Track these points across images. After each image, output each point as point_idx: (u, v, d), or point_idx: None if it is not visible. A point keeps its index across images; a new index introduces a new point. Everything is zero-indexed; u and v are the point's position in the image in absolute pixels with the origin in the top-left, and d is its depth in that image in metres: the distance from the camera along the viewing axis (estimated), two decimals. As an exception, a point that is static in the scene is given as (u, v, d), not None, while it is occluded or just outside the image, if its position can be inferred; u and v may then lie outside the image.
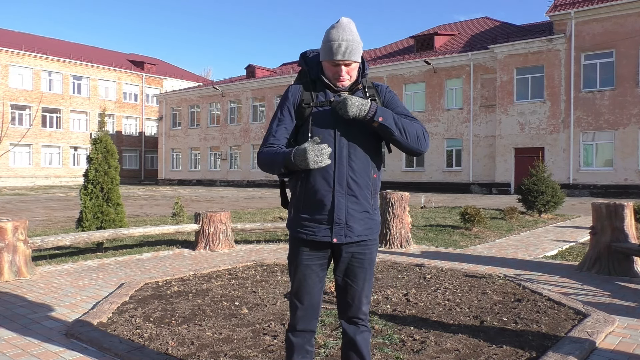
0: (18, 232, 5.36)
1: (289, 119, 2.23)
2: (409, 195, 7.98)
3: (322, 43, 2.20)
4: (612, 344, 3.31)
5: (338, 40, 2.13)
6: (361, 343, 2.27)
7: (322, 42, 2.20)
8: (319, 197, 2.14)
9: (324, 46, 2.18)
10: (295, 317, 2.25)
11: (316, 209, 2.15)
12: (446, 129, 28.74)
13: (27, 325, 3.73)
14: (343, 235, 2.15)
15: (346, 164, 2.14)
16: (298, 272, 2.22)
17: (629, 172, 22.90)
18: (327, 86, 2.23)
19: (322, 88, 2.24)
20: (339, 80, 2.19)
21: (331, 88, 2.22)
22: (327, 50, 2.16)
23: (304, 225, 2.17)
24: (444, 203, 17.93)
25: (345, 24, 2.16)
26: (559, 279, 5.32)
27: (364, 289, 2.25)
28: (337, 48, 2.13)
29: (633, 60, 22.79)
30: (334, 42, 2.14)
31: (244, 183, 37.29)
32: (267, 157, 2.17)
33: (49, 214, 13.46)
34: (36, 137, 40.30)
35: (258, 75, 38.65)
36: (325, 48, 2.17)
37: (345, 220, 2.15)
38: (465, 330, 3.54)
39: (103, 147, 7.25)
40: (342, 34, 2.14)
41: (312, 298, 2.23)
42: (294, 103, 2.23)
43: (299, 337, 2.26)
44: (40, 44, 42.89)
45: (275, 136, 2.21)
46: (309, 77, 2.27)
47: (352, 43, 2.14)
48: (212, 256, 6.81)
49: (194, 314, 3.95)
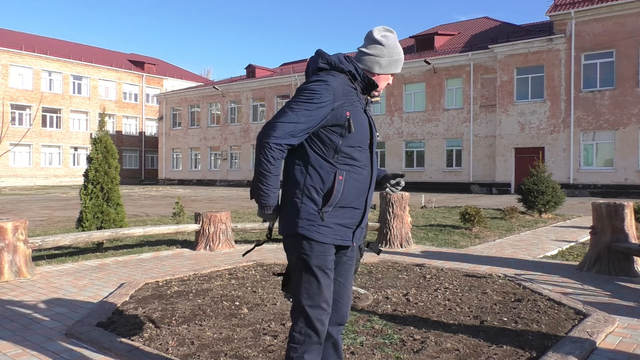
0: (18, 232, 5.36)
1: (322, 118, 2.02)
2: (409, 195, 7.98)
3: (389, 56, 2.16)
4: (613, 343, 3.30)
5: (401, 56, 2.20)
6: (340, 343, 2.33)
7: (387, 54, 2.15)
8: (357, 203, 2.12)
9: (395, 59, 2.17)
10: (324, 325, 2.11)
11: (351, 214, 2.11)
12: (446, 129, 28.74)
13: (27, 325, 3.73)
14: (358, 239, 2.19)
15: (375, 170, 2.22)
16: (325, 277, 2.09)
17: (629, 172, 22.90)
18: (366, 90, 2.20)
19: (362, 91, 2.19)
20: (378, 90, 2.21)
21: (368, 94, 2.22)
22: (396, 64, 2.18)
23: (335, 228, 2.07)
24: (444, 203, 17.92)
25: (395, 35, 2.21)
26: (559, 278, 5.32)
27: (351, 288, 2.32)
28: (399, 64, 2.21)
29: (633, 60, 22.78)
30: (400, 58, 2.19)
31: (244, 183, 37.29)
32: (270, 171, 2.00)
33: (49, 214, 13.46)
34: (36, 137, 40.31)
35: (258, 75, 38.65)
36: (396, 62, 2.18)
37: (363, 225, 2.21)
38: (465, 330, 3.54)
39: (103, 147, 7.25)
40: (399, 45, 2.21)
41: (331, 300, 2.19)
42: (334, 96, 2.02)
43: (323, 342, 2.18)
44: (40, 44, 42.89)
45: (295, 139, 2.01)
46: (352, 77, 2.12)
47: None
48: (213, 256, 6.81)
49: (194, 314, 3.95)
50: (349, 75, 2.11)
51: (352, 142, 2.07)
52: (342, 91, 2.04)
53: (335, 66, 2.10)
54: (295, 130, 1.98)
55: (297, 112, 1.98)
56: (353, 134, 2.06)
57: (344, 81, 2.07)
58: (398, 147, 30.46)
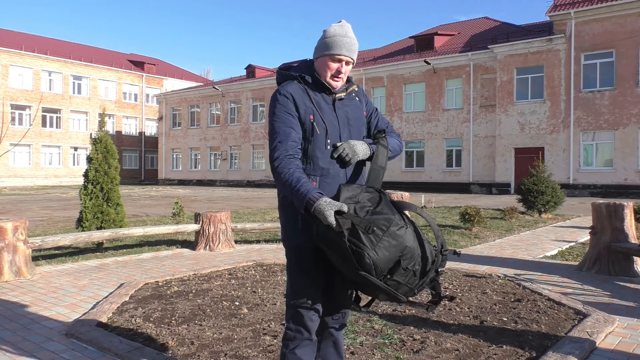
0: (18, 232, 5.36)
1: (297, 124, 2.10)
2: (409, 195, 7.98)
3: (322, 39, 2.15)
4: (612, 343, 3.31)
5: (345, 36, 2.12)
6: (341, 342, 2.37)
7: (322, 38, 2.15)
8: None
9: (326, 41, 2.12)
10: (312, 322, 2.19)
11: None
12: (446, 129, 28.74)
13: (27, 325, 3.73)
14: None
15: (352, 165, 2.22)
16: (307, 278, 2.15)
17: (628, 172, 22.90)
18: (322, 87, 2.18)
19: (318, 90, 2.18)
20: (336, 77, 2.16)
21: (326, 89, 2.18)
22: (331, 45, 2.11)
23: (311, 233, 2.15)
24: (444, 203, 17.93)
25: (347, 24, 2.16)
26: (559, 278, 5.32)
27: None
28: (343, 43, 2.11)
29: (633, 60, 22.79)
30: (340, 37, 2.11)
31: (244, 183, 37.30)
32: (289, 179, 1.98)
33: (49, 214, 13.46)
34: (36, 137, 40.30)
35: (258, 75, 38.65)
36: (329, 42, 2.11)
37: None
38: (465, 330, 3.54)
39: (103, 147, 7.25)
40: (347, 31, 2.13)
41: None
42: (296, 107, 2.12)
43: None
44: (40, 44, 42.89)
45: (289, 141, 2.07)
46: (303, 82, 2.18)
47: (355, 42, 2.15)
48: (212, 256, 6.81)
49: (194, 314, 3.95)
50: (300, 79, 2.18)
51: (320, 144, 2.12)
52: (297, 93, 2.12)
53: (285, 76, 2.22)
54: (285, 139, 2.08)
55: (276, 127, 2.09)
56: (319, 135, 2.11)
57: (297, 86, 2.15)
58: (398, 147, 30.42)
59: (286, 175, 1.99)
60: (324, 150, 2.12)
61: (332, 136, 2.14)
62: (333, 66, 2.14)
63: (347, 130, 2.18)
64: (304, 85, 2.16)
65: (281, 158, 2.03)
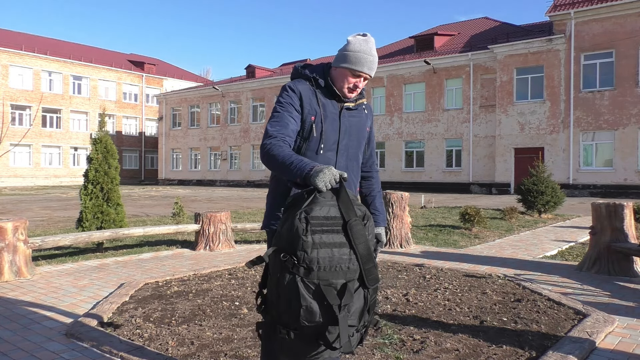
0: (18, 232, 5.37)
1: (298, 118, 2.13)
2: (409, 195, 7.98)
3: (346, 51, 2.15)
4: (612, 343, 3.31)
5: (369, 54, 2.15)
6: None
7: (346, 50, 2.16)
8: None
9: (350, 55, 2.14)
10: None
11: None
12: (446, 129, 28.74)
13: (27, 325, 3.73)
14: None
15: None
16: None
17: (628, 172, 22.91)
18: (333, 94, 2.21)
19: (330, 96, 2.21)
20: (352, 91, 2.19)
21: (337, 97, 2.21)
22: (354, 60, 2.13)
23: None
24: (444, 203, 17.93)
25: (373, 40, 2.18)
26: (559, 279, 5.32)
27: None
28: (367, 61, 2.14)
29: (633, 60, 22.79)
30: (364, 54, 2.14)
31: (244, 183, 37.30)
32: (280, 155, 1.92)
33: (49, 214, 13.46)
34: (36, 137, 40.30)
35: (258, 76, 38.66)
36: (352, 57, 2.13)
37: None
38: (465, 330, 3.54)
39: (103, 147, 7.25)
40: (371, 48, 2.16)
41: None
42: (301, 104, 2.15)
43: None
44: (40, 44, 42.89)
45: (288, 130, 2.07)
46: (315, 84, 2.20)
47: (376, 60, 2.19)
48: (212, 256, 6.81)
49: (194, 314, 3.95)
50: (313, 81, 2.20)
51: (313, 147, 2.15)
52: (305, 92, 2.16)
53: (300, 74, 2.26)
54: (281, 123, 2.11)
55: (279, 113, 2.13)
56: (314, 138, 2.13)
57: (307, 86, 2.18)
58: (398, 147, 30.46)
59: (278, 150, 1.94)
60: (314, 155, 2.14)
61: (327, 142, 2.16)
62: (352, 80, 2.17)
63: (346, 139, 2.21)
64: (314, 88, 2.19)
65: (276, 138, 2.02)
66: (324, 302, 1.64)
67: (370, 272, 1.73)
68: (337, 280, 1.67)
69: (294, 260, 1.66)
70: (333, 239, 1.68)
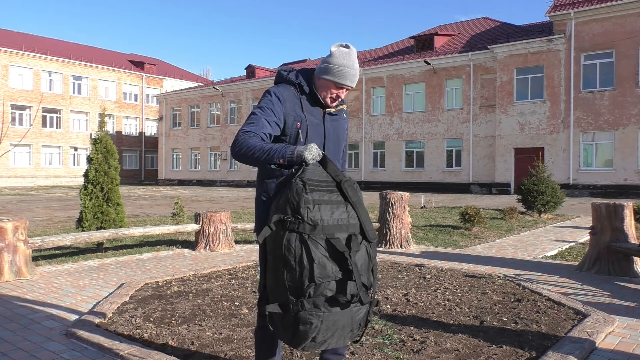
0: (18, 232, 5.36)
1: (275, 125, 2.19)
2: (409, 195, 7.98)
3: (329, 64, 2.22)
4: (612, 344, 3.31)
5: (351, 68, 2.22)
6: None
7: (329, 62, 2.22)
8: None
9: (333, 68, 2.21)
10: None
11: None
12: (446, 129, 28.74)
13: (27, 325, 3.73)
14: None
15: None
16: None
17: (628, 172, 22.91)
18: (317, 101, 2.30)
19: (313, 103, 2.30)
20: (335, 100, 2.30)
21: (320, 104, 2.31)
22: (337, 73, 2.21)
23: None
24: (444, 203, 17.93)
25: (355, 52, 2.26)
26: (559, 279, 5.32)
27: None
28: (349, 75, 2.22)
29: (633, 61, 22.79)
30: (347, 68, 2.21)
31: (244, 183, 37.30)
32: (258, 143, 2.03)
33: (49, 214, 13.46)
34: (36, 137, 40.30)
35: (258, 76, 38.66)
36: (335, 71, 2.21)
37: None
38: (465, 330, 3.54)
39: (103, 147, 7.25)
40: (353, 62, 2.23)
41: None
42: (285, 111, 2.21)
43: None
44: (40, 44, 42.89)
45: (266, 130, 2.12)
46: (300, 90, 2.28)
47: (358, 72, 2.27)
48: (212, 256, 6.81)
49: (194, 314, 3.95)
50: (298, 87, 2.28)
51: None
52: (290, 99, 2.23)
53: (284, 79, 2.32)
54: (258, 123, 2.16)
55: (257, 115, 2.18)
56: (301, 144, 2.20)
57: (292, 92, 2.26)
58: (398, 147, 30.46)
59: (255, 139, 2.04)
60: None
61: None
62: (334, 91, 2.27)
63: (331, 143, 2.33)
64: (299, 94, 2.27)
65: (251, 132, 2.08)
66: (334, 255, 1.77)
67: (368, 225, 1.89)
68: (341, 233, 1.81)
69: (299, 219, 1.79)
70: (330, 197, 1.85)
